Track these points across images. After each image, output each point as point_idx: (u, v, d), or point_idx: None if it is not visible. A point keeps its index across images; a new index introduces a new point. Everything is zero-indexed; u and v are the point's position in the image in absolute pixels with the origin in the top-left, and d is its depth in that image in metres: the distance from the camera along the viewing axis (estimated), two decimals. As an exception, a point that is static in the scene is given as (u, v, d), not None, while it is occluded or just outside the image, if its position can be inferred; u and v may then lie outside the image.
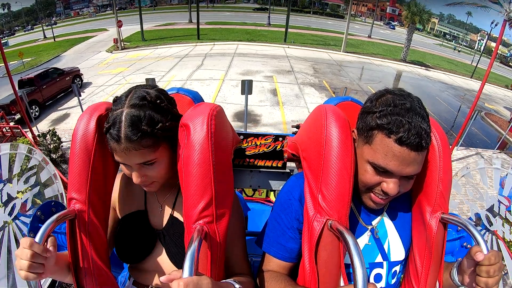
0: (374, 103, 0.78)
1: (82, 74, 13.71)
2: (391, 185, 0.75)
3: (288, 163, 1.25)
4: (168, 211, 0.96)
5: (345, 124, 0.79)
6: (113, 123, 0.75)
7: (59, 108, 11.58)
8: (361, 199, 0.85)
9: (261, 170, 1.26)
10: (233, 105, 11.03)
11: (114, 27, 21.17)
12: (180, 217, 0.94)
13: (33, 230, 0.98)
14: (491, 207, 1.33)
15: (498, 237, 1.29)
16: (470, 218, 1.34)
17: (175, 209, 0.95)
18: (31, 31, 36.04)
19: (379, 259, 0.88)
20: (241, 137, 1.18)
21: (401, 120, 0.70)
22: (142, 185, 0.85)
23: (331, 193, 0.75)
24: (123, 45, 21.07)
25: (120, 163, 0.82)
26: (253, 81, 7.65)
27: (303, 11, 51.18)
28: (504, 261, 1.25)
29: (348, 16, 24.16)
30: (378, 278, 0.89)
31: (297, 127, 1.72)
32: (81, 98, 8.41)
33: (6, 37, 31.80)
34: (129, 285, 0.99)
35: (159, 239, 0.95)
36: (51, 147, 7.32)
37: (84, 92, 12.32)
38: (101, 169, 0.84)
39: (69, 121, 10.31)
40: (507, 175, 1.35)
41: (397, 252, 0.89)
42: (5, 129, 8.34)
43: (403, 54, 23.05)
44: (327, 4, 56.10)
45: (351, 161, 0.76)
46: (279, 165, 1.23)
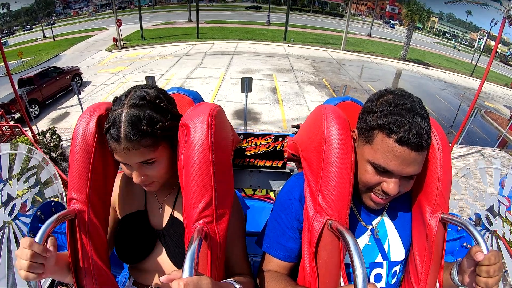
0: (374, 103, 0.78)
1: (81, 73, 13.70)
2: (391, 185, 0.75)
3: (288, 163, 1.25)
4: (168, 211, 0.96)
5: (345, 124, 0.79)
6: (113, 123, 0.75)
7: (59, 107, 11.58)
8: (361, 199, 0.85)
9: (261, 170, 1.26)
10: (233, 103, 11.03)
11: (113, 26, 21.18)
12: (180, 217, 0.94)
13: (33, 230, 0.98)
14: (491, 207, 1.33)
15: (498, 236, 1.29)
16: (470, 218, 1.34)
17: (175, 209, 0.95)
18: (31, 30, 35.91)
19: (379, 259, 0.88)
20: (241, 137, 1.17)
21: (401, 120, 0.70)
22: (142, 185, 0.85)
23: (331, 193, 0.75)
24: (122, 44, 21.06)
25: (120, 162, 0.82)
26: (253, 79, 7.64)
27: (303, 10, 51.06)
28: (504, 261, 1.25)
29: (347, 14, 24.16)
30: (378, 278, 0.89)
31: (297, 127, 1.72)
32: (80, 96, 8.40)
33: (5, 37, 31.67)
34: (129, 285, 0.99)
35: (159, 239, 0.95)
36: (51, 145, 7.33)
37: (83, 91, 12.31)
38: (101, 169, 0.85)
39: (69, 120, 10.31)
40: (507, 175, 1.35)
41: (397, 252, 0.89)
42: (5, 128, 8.35)
43: (402, 52, 23.03)
44: (326, 3, 55.94)
45: (351, 161, 0.76)
46: (279, 165, 1.23)
